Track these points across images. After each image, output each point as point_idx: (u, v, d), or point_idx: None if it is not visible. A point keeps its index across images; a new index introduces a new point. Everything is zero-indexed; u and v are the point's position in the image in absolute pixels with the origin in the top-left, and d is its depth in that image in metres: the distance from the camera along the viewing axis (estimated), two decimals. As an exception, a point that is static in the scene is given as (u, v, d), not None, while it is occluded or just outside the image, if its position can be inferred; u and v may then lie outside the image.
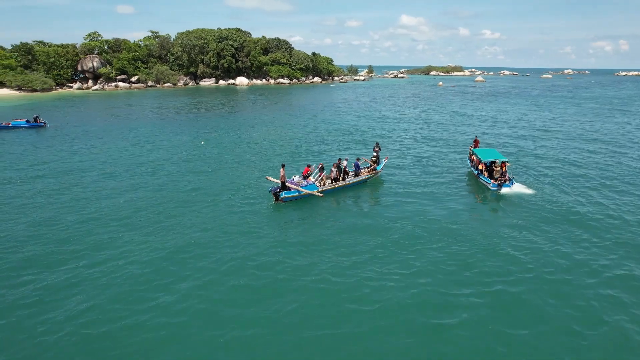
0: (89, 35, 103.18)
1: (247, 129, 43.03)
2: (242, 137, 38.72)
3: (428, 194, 21.93)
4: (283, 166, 20.36)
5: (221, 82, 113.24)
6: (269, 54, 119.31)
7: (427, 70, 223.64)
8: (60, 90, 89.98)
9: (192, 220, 18.01)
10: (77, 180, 24.25)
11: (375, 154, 23.91)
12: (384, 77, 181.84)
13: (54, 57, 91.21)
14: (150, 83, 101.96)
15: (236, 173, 25.57)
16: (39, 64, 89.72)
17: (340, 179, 21.98)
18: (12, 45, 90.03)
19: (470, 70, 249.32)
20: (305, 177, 20.79)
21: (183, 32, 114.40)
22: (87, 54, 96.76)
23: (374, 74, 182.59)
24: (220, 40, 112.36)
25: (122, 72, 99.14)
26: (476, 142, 31.39)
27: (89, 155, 30.76)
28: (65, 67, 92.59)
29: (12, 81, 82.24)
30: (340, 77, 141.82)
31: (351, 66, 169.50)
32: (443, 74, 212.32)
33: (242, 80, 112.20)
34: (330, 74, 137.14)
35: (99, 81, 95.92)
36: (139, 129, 42.36)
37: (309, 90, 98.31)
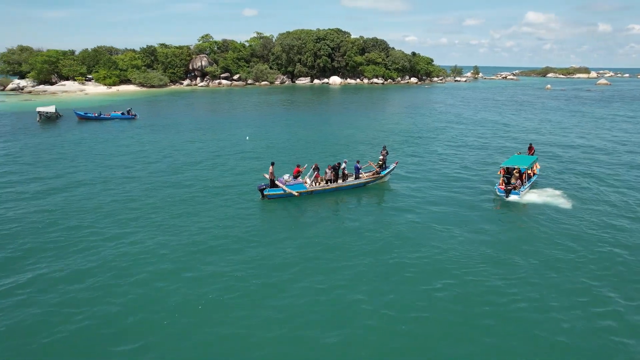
0: (202, 37, 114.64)
1: (310, 126, 44.61)
2: (299, 133, 40.35)
3: (433, 200, 21.15)
4: (272, 164, 21.32)
5: (316, 81, 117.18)
6: (365, 54, 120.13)
7: (543, 72, 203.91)
8: (173, 86, 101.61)
9: (178, 207, 20.09)
10: (128, 164, 28.16)
11: (381, 157, 23.47)
12: (491, 78, 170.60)
13: (171, 57, 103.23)
14: (249, 81, 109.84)
15: (256, 169, 26.97)
16: (158, 64, 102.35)
17: (335, 180, 22.09)
18: (140, 48, 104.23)
19: (599, 72, 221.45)
20: (296, 176, 21.41)
21: (284, 33, 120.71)
22: (197, 54, 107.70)
23: (480, 75, 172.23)
24: (318, 40, 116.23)
25: (226, 70, 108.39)
26: (531, 150, 29.01)
27: (156, 143, 35.10)
28: (179, 66, 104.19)
29: (136, 78, 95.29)
30: (440, 78, 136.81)
31: (455, 67, 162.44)
32: (562, 76, 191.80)
33: (335, 80, 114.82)
34: (429, 74, 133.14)
35: (205, 78, 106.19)
36: (214, 123, 46.58)
37: (399, 91, 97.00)
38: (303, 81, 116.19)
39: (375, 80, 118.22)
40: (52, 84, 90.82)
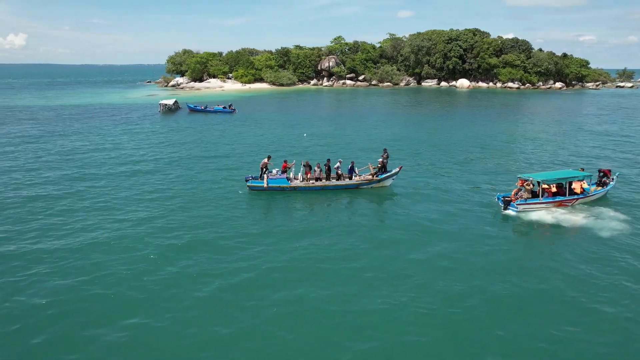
0: (335, 39, 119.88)
1: (387, 128, 44.14)
2: (372, 134, 40.37)
3: (428, 207, 19.99)
4: (268, 157, 22.62)
5: (443, 83, 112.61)
6: (502, 56, 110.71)
7: None
8: (300, 85, 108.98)
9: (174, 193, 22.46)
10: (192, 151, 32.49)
11: (381, 160, 22.55)
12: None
13: (302, 58, 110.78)
14: (373, 82, 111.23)
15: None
16: (290, 64, 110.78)
17: (327, 179, 22.22)
18: (275, 50, 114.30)
19: None
20: (284, 171, 22.17)
21: (414, 34, 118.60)
22: (327, 55, 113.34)
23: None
24: (449, 41, 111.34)
25: (352, 71, 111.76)
26: (606, 171, 24.76)
27: (234, 136, 39.32)
28: (308, 66, 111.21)
29: (268, 77, 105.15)
30: (597, 84, 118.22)
31: (624, 70, 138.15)
32: None
33: (462, 83, 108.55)
34: (581, 78, 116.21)
35: (331, 78, 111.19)
36: (306, 120, 49.36)
37: (531, 97, 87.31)
38: (429, 83, 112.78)
39: (509, 84, 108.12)
40: (201, 81, 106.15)
